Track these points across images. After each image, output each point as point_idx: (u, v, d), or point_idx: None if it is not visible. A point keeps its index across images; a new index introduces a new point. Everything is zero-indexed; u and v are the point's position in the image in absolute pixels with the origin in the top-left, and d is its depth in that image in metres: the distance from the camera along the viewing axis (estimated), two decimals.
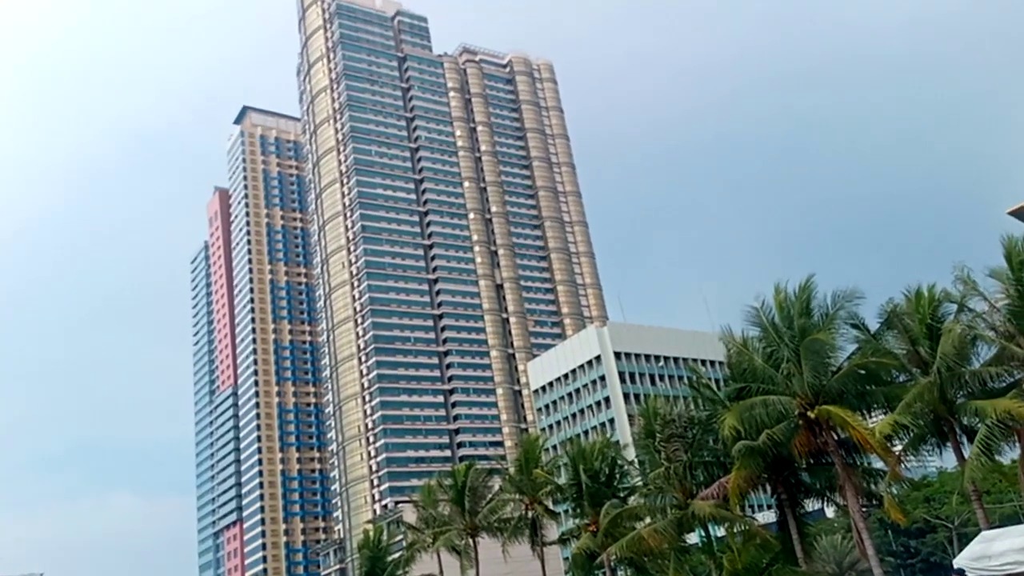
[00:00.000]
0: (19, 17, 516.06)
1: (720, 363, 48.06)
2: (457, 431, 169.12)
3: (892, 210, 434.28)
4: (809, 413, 35.56)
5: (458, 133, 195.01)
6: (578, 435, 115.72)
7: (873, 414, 37.91)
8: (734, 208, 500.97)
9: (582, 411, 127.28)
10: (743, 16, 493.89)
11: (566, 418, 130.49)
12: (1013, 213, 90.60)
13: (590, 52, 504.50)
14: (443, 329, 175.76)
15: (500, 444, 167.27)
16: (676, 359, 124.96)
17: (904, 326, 34.55)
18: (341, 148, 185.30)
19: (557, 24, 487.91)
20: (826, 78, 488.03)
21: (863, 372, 35.13)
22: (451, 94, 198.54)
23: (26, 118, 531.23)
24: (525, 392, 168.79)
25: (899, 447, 35.77)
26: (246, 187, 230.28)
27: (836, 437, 36.08)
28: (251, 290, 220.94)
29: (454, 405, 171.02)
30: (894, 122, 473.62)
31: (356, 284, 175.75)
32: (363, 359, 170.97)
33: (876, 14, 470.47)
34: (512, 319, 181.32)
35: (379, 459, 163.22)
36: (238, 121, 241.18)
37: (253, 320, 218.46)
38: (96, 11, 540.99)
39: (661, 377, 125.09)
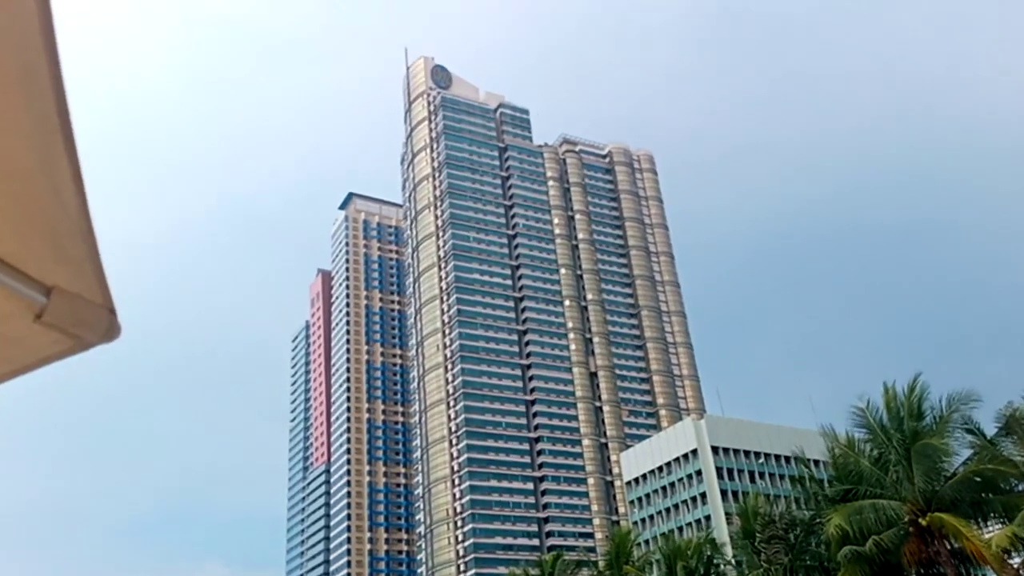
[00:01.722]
0: (143, 80, 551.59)
1: (824, 463, 46.80)
2: (546, 520, 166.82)
3: (1014, 304, 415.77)
4: (921, 520, 34.43)
5: (556, 221, 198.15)
6: (671, 531, 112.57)
7: (989, 524, 36.28)
8: (842, 305, 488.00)
9: (676, 506, 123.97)
10: (861, 108, 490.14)
11: (659, 512, 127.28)
12: None
13: (696, 144, 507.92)
14: (535, 415, 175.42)
15: (590, 536, 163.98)
16: (776, 456, 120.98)
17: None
18: (440, 233, 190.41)
19: (662, 115, 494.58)
20: (952, 171, 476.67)
21: (979, 479, 33.96)
22: (550, 183, 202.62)
23: (139, 189, 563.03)
24: (617, 483, 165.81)
25: (1017, 561, 34.09)
26: (347, 269, 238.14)
27: (949, 547, 34.69)
28: (348, 369, 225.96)
29: (544, 493, 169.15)
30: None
31: (450, 367, 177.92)
32: (454, 442, 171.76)
33: (998, 106, 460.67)
34: (606, 408, 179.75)
35: (466, 544, 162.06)
36: (343, 207, 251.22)
37: (348, 399, 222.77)
38: (217, 86, 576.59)
39: (760, 474, 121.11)
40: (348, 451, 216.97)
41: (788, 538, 47.84)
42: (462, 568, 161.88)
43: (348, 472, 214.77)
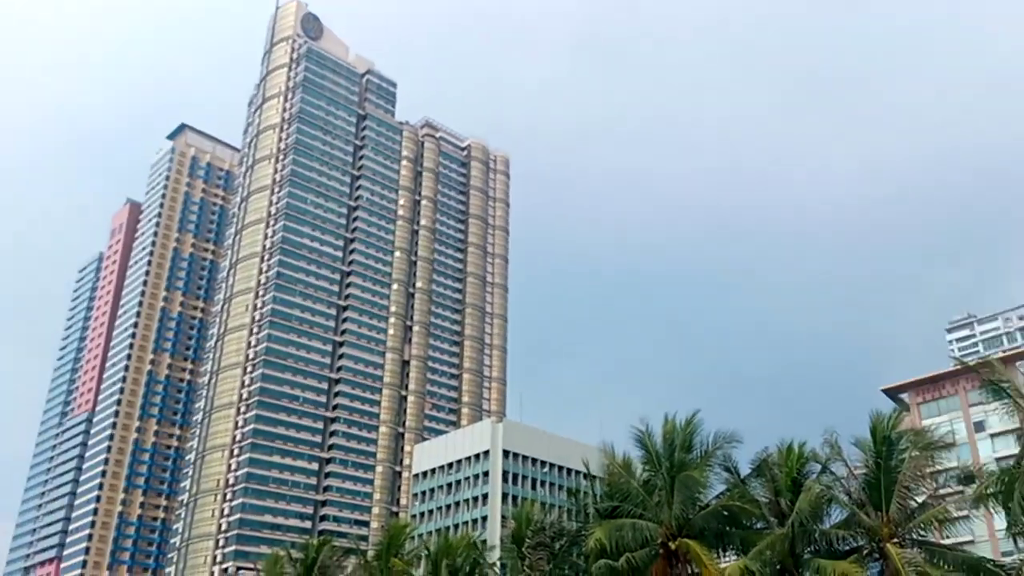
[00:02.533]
0: None
1: (602, 479, 50.50)
2: (324, 503, 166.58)
3: (793, 366, 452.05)
4: (671, 544, 38.15)
5: (402, 202, 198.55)
6: (448, 528, 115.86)
7: (728, 555, 40.68)
8: (650, 336, 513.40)
9: (458, 503, 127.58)
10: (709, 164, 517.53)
11: (440, 508, 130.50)
12: (886, 391, 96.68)
13: (554, 157, 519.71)
14: (336, 395, 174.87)
15: (366, 524, 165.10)
16: (561, 468, 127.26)
17: (772, 476, 37.85)
18: (276, 189, 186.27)
19: (529, 125, 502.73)
20: (762, 236, 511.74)
21: (726, 513, 38.08)
22: (404, 162, 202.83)
23: None
24: (406, 475, 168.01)
25: None
26: (162, 206, 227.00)
27: (690, 571, 38.66)
28: (138, 314, 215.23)
29: (327, 475, 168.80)
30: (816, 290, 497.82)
31: (256, 331, 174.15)
32: (243, 410, 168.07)
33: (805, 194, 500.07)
34: (411, 398, 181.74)
35: (232, 518, 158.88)
36: (173, 136, 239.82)
37: (131, 346, 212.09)
38: None
39: (543, 483, 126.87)
40: (119, 403, 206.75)
41: (553, 547, 51.04)
42: (221, 543, 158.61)
43: (114, 425, 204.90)
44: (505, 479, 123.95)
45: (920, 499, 35.47)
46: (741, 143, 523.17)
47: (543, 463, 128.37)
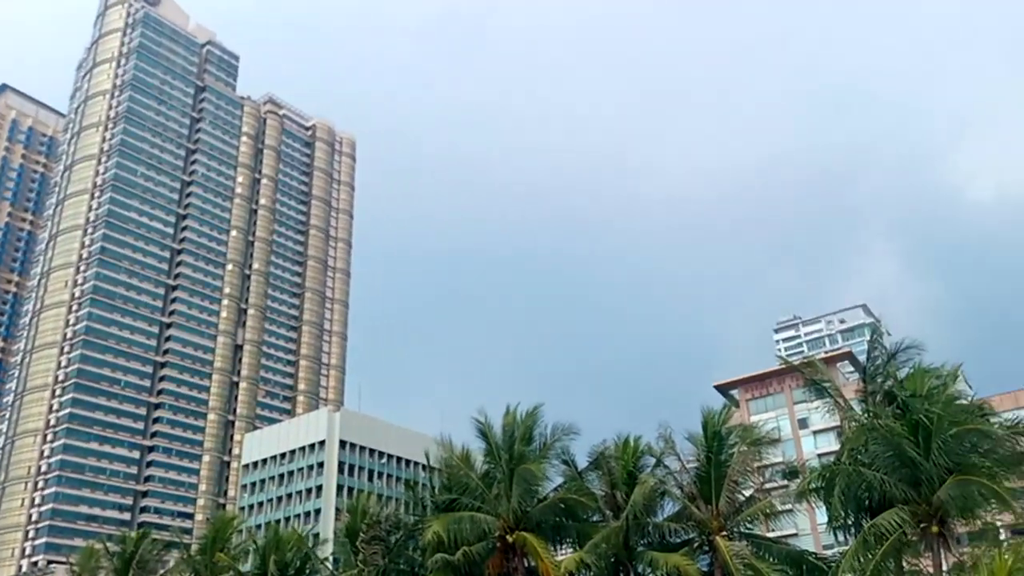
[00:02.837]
0: None
1: (440, 471, 49.93)
2: (145, 493, 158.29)
3: (635, 360, 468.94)
4: (508, 537, 38.06)
5: (240, 179, 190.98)
6: (280, 520, 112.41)
7: (564, 547, 41.08)
8: (497, 326, 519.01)
9: (291, 495, 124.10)
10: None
11: (272, 500, 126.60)
12: (718, 387, 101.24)
13: (404, 142, 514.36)
14: (162, 379, 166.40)
15: (190, 516, 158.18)
16: (401, 459, 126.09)
17: (609, 469, 38.43)
18: (103, 159, 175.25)
19: (380, 109, 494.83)
20: (610, 233, 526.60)
21: (563, 506, 38.38)
22: (244, 139, 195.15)
23: None
24: (235, 464, 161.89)
25: None
26: None
27: (526, 565, 38.76)
28: None
29: (149, 464, 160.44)
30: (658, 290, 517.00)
31: (75, 308, 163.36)
32: (58, 392, 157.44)
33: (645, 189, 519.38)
34: (243, 384, 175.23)
35: (44, 508, 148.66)
36: None
37: None
38: None
39: (381, 474, 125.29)
40: None
41: (389, 541, 50.11)
42: (31, 535, 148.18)
43: None
44: (341, 470, 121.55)
45: (748, 493, 36.91)
46: (588, 137, 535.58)
47: (381, 454, 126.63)
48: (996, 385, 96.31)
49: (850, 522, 32.60)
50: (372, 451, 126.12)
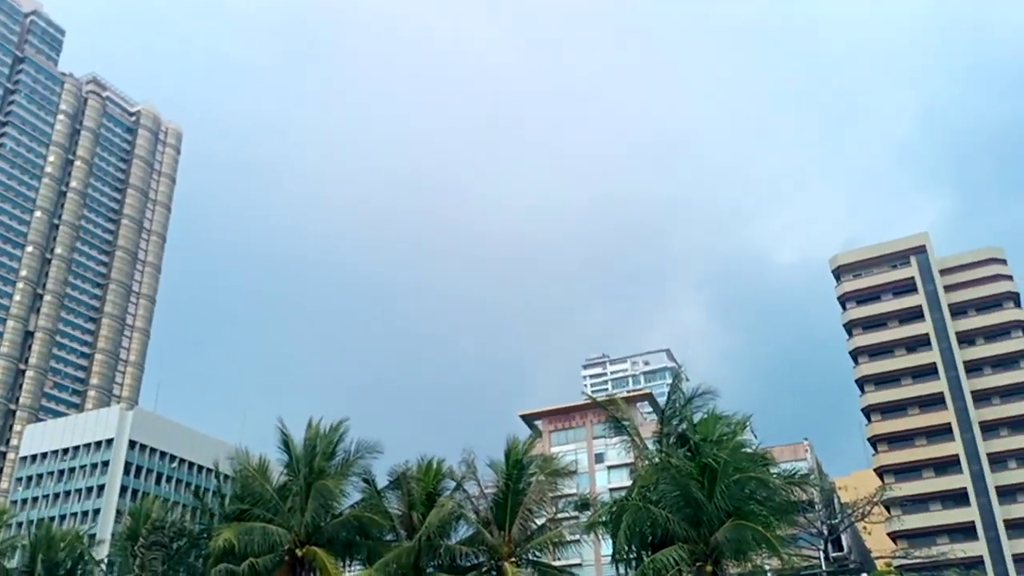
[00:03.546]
0: None
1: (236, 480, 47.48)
2: None
3: (451, 384, 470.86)
4: (298, 551, 36.50)
5: (51, 159, 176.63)
6: (54, 518, 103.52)
7: (355, 565, 39.82)
8: (315, 339, 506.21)
9: (69, 493, 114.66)
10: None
11: (48, 496, 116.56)
12: (523, 416, 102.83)
13: (240, 141, 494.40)
14: None
15: None
16: (193, 465, 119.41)
17: (408, 490, 37.59)
18: None
19: (217, 106, 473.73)
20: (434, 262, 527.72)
21: (357, 523, 37.19)
22: (60, 116, 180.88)
23: None
24: (12, 456, 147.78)
25: None
26: None
27: None
28: None
29: None
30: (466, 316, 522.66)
31: None
32: None
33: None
34: (30, 372, 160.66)
35: None
36: None
37: None
38: None
39: (171, 479, 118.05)
40: None
41: (171, 547, 47.27)
42: None
43: None
44: (128, 471, 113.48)
45: (540, 521, 37.01)
46: (427, 159, 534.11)
47: (173, 458, 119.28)
48: (782, 436, 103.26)
49: (632, 556, 33.13)
50: (164, 454, 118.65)
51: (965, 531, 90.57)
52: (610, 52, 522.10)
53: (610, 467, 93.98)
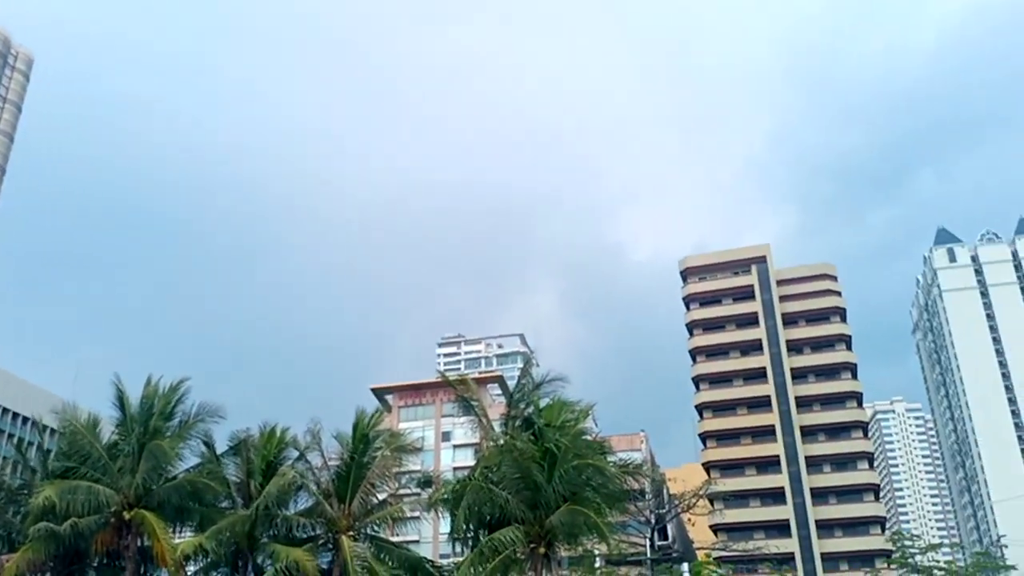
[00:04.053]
0: None
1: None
2: None
3: (308, 351, 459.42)
4: (125, 513, 34.72)
5: None
6: None
7: (187, 531, 38.26)
8: (162, 294, 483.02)
9: None
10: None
11: None
12: (374, 390, 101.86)
13: (104, 78, 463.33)
14: None
15: None
16: (17, 415, 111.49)
17: (248, 457, 36.31)
18: None
19: (81, 38, 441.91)
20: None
21: (191, 488, 35.65)
22: None
23: None
24: None
25: (193, 569, 36.44)
26: None
27: (140, 544, 35.52)
28: None
29: None
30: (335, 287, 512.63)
31: None
32: None
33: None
34: None
35: None
36: None
37: None
38: None
39: None
40: None
41: None
42: None
43: None
44: None
45: (382, 496, 36.57)
46: (304, 115, 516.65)
47: None
48: (622, 426, 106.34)
49: (470, 535, 33.30)
50: None
51: (780, 528, 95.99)
52: (498, 37, 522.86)
53: (456, 446, 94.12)
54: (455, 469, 79.53)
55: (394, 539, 38.91)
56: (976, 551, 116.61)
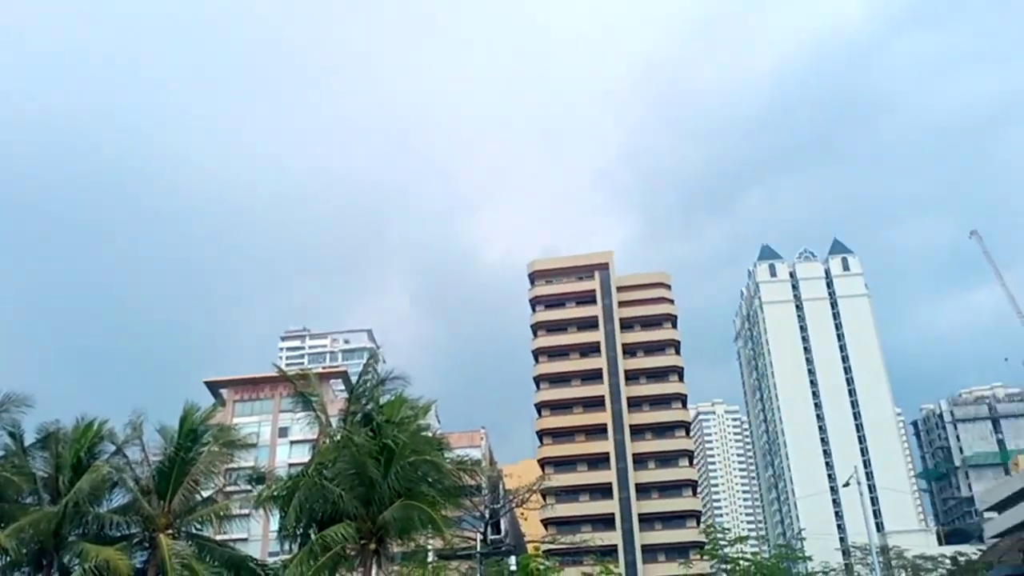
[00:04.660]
0: None
1: None
2: None
3: (140, 342, 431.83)
4: None
5: None
6: None
7: None
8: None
9: None
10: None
11: None
12: (208, 383, 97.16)
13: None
14: None
15: None
16: None
17: (58, 450, 33.14)
18: None
19: None
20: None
21: None
22: None
23: None
24: None
25: None
26: None
27: None
28: None
29: None
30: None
31: None
32: None
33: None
34: None
35: None
36: None
37: None
38: None
39: None
40: None
41: None
42: None
43: None
44: None
45: (207, 493, 34.23)
46: (143, 90, 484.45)
47: None
48: (466, 423, 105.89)
49: (300, 532, 31.81)
50: None
51: (606, 521, 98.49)
52: (367, 37, 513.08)
53: (294, 442, 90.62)
54: (291, 465, 76.28)
55: (220, 537, 36.56)
56: (779, 543, 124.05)
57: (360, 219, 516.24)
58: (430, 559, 55.27)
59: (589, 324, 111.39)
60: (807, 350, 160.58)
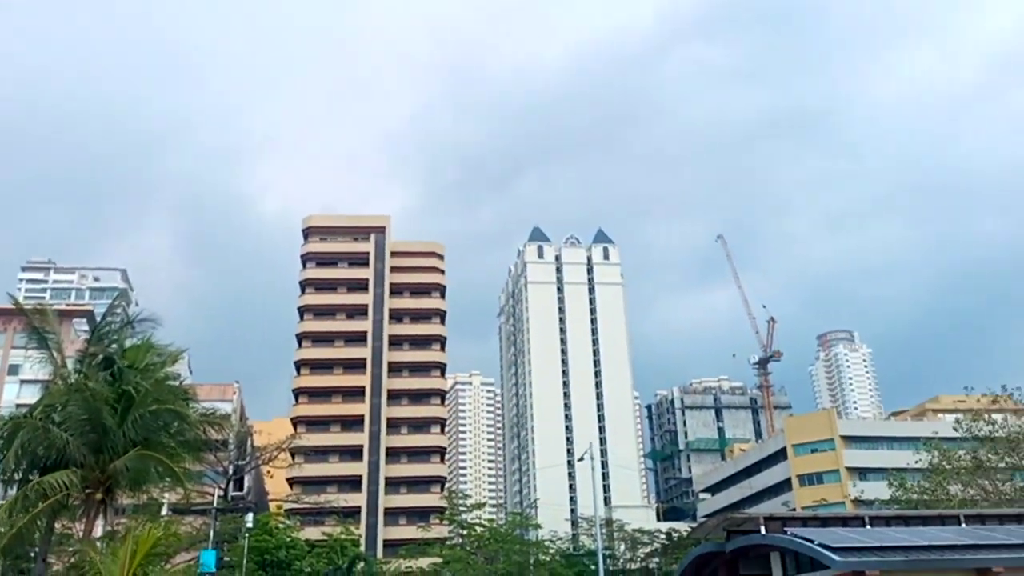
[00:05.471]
0: None
1: None
2: None
3: None
4: None
5: None
6: None
7: None
8: None
9: None
10: None
11: None
12: None
13: None
14: None
15: None
16: None
17: None
18: None
19: None
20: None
21: None
22: None
23: None
24: None
25: None
26: None
27: None
28: None
29: None
30: None
31: None
32: None
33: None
34: None
35: None
36: None
37: None
38: None
39: None
40: None
41: None
42: None
43: None
44: None
45: None
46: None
47: None
48: (223, 376, 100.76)
49: (19, 477, 29.58)
50: None
51: (353, 483, 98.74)
52: None
53: (24, 381, 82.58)
54: (18, 406, 69.76)
55: None
56: (514, 511, 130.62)
57: (132, 149, 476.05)
58: (164, 513, 53.01)
59: (359, 286, 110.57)
60: (563, 331, 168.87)
